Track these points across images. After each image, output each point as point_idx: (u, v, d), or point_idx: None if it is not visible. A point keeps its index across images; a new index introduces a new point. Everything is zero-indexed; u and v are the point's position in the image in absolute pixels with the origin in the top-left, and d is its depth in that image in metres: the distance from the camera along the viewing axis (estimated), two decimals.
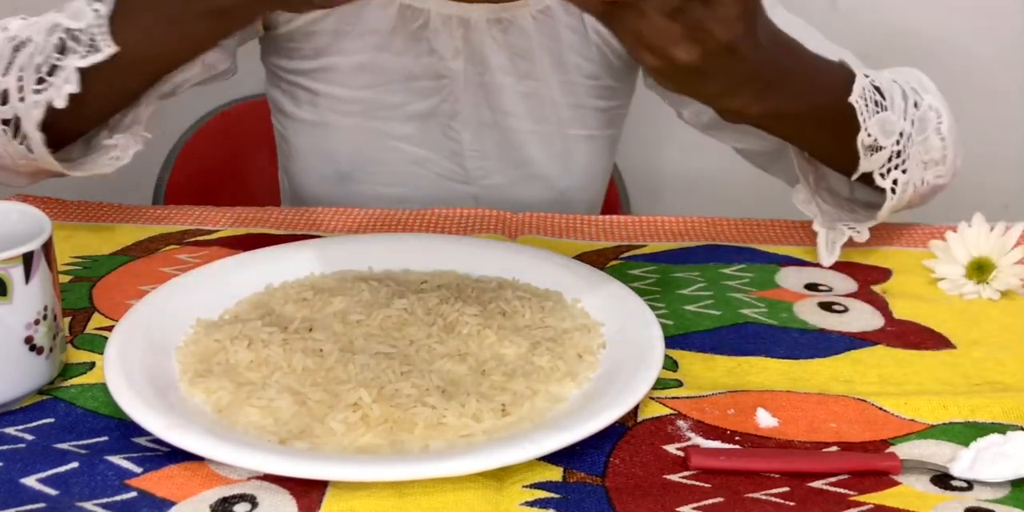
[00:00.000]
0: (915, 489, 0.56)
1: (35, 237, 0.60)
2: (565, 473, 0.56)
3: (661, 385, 0.64)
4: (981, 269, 0.79)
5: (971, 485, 0.56)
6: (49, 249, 0.61)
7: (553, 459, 0.57)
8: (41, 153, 0.80)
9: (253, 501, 0.53)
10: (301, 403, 0.60)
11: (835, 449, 0.59)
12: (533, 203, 1.02)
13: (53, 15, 0.78)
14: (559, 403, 0.61)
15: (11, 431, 0.59)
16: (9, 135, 0.79)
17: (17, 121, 0.78)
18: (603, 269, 0.79)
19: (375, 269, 0.78)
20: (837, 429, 0.61)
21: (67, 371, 0.65)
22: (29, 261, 0.59)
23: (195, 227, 0.89)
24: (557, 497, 0.54)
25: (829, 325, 0.74)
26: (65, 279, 0.77)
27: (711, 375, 0.67)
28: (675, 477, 0.56)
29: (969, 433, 0.61)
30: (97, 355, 0.67)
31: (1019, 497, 0.56)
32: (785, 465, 0.57)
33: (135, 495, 0.54)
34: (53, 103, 0.77)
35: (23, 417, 0.61)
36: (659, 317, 0.69)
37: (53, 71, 0.77)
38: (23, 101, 0.77)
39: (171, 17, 0.76)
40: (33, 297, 0.59)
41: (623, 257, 0.84)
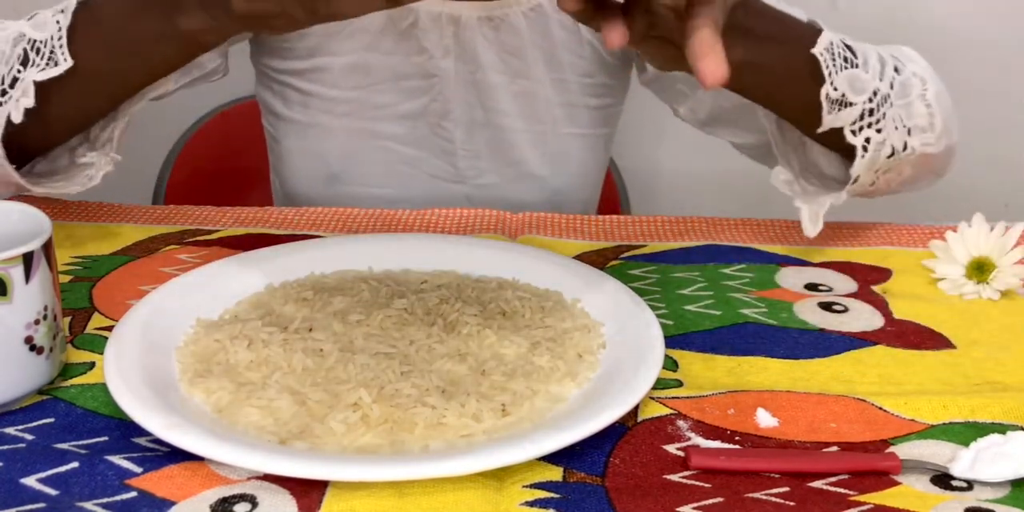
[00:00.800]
0: (915, 489, 0.56)
1: (35, 237, 0.60)
2: (565, 473, 0.56)
3: (661, 385, 0.64)
4: (981, 269, 0.79)
5: (971, 485, 0.56)
6: (49, 249, 0.61)
7: (553, 459, 0.57)
8: (2, 165, 0.78)
9: (253, 501, 0.53)
10: (301, 403, 0.60)
11: (835, 449, 0.59)
12: (527, 203, 1.02)
13: (21, 24, 0.75)
14: (559, 403, 0.61)
15: (11, 431, 0.59)
16: None
17: None
18: (603, 269, 0.79)
19: (375, 269, 0.78)
20: (837, 429, 0.61)
21: (67, 371, 0.65)
22: (29, 261, 0.59)
23: (195, 227, 0.89)
24: (557, 497, 0.54)
25: (829, 325, 0.74)
26: (65, 279, 0.77)
27: (711, 375, 0.67)
28: (675, 477, 0.56)
29: (969, 433, 0.61)
30: (97, 355, 0.67)
31: (1019, 497, 0.55)
32: (785, 465, 0.57)
33: (135, 495, 0.54)
34: (11, 117, 0.74)
35: (23, 417, 0.60)
36: (659, 317, 0.69)
37: (14, 83, 0.74)
38: None
39: (136, 35, 0.74)
40: (33, 297, 0.59)
41: (623, 257, 0.84)
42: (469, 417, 0.59)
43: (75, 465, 0.56)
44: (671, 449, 0.59)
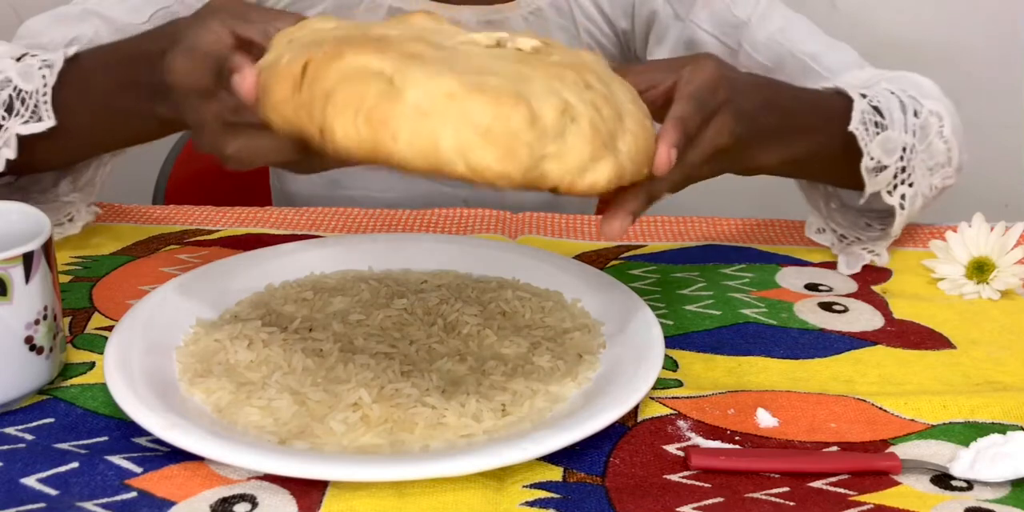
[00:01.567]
0: (915, 489, 0.56)
1: (35, 237, 0.60)
2: (565, 473, 0.56)
3: (661, 385, 0.64)
4: (981, 269, 0.79)
5: (971, 485, 0.56)
6: (49, 249, 0.61)
7: (553, 459, 0.57)
8: None
9: (253, 501, 0.53)
10: (301, 403, 0.60)
11: (835, 449, 0.59)
12: (524, 205, 1.01)
13: (8, 63, 0.74)
14: (559, 403, 0.61)
15: (11, 431, 0.59)
16: None
17: None
18: (603, 269, 0.79)
19: (375, 269, 0.78)
20: (837, 429, 0.61)
21: (67, 371, 0.65)
22: (29, 261, 0.59)
23: (195, 227, 0.89)
24: (557, 497, 0.54)
25: (829, 325, 0.74)
26: (65, 279, 0.77)
27: (711, 375, 0.67)
28: (675, 477, 0.56)
29: (969, 433, 0.61)
30: (97, 355, 0.67)
31: (1019, 497, 0.55)
32: (785, 465, 0.57)
33: (135, 495, 0.54)
34: None
35: (23, 417, 0.60)
36: (659, 317, 0.69)
37: None
38: None
39: (117, 109, 0.72)
40: (33, 297, 0.59)
41: (623, 257, 0.84)
42: (469, 417, 0.59)
43: (75, 465, 0.56)
44: (671, 449, 0.59)
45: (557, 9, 0.94)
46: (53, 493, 0.54)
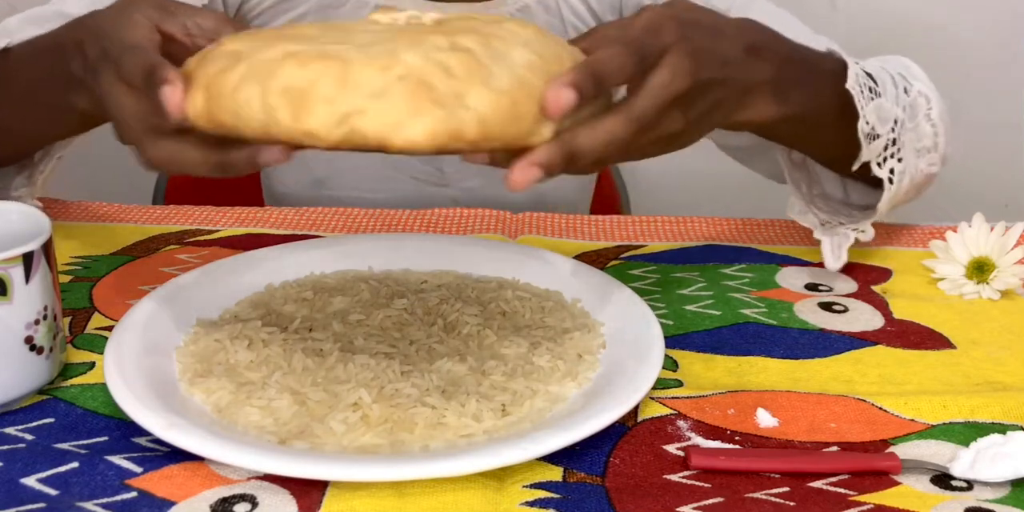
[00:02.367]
0: (915, 489, 0.56)
1: (35, 237, 0.60)
2: (565, 473, 0.56)
3: (661, 385, 0.64)
4: (981, 269, 0.79)
5: (971, 485, 0.56)
6: (49, 249, 0.61)
7: (553, 459, 0.57)
8: None
9: (253, 501, 0.53)
10: (301, 403, 0.60)
11: (835, 449, 0.59)
12: (513, 205, 1.01)
13: None
14: (559, 403, 0.61)
15: (11, 431, 0.59)
16: None
17: None
18: (603, 269, 0.79)
19: (375, 269, 0.78)
20: (837, 429, 0.61)
21: (67, 371, 0.65)
22: (29, 261, 0.59)
23: (195, 227, 0.89)
24: (557, 497, 0.54)
25: (829, 325, 0.74)
26: (65, 279, 0.77)
27: (711, 375, 0.67)
28: (675, 477, 0.56)
29: (969, 433, 0.61)
30: (97, 355, 0.67)
31: (1019, 497, 0.55)
32: (785, 465, 0.57)
33: (135, 495, 0.54)
34: None
35: (23, 417, 0.60)
36: (659, 317, 0.69)
37: None
38: None
39: (40, 102, 0.71)
40: (33, 297, 0.59)
41: (623, 257, 0.84)
42: (469, 417, 0.59)
43: (75, 465, 0.56)
44: (671, 449, 0.59)
45: (544, 6, 0.93)
46: (53, 493, 0.54)
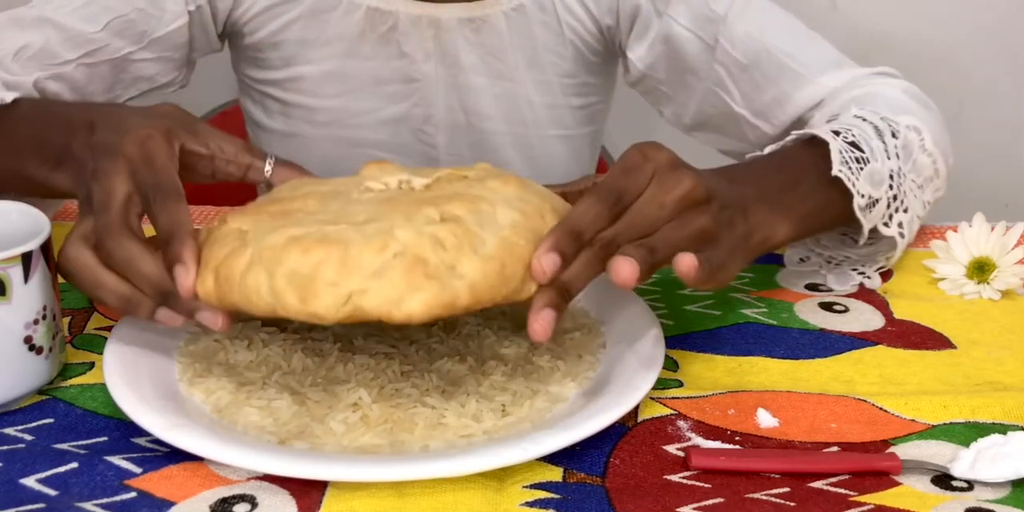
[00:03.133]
0: (915, 489, 0.56)
1: (34, 237, 0.60)
2: (565, 473, 0.56)
3: (661, 385, 0.64)
4: (982, 269, 0.79)
5: (971, 485, 0.56)
6: (48, 249, 0.61)
7: (553, 459, 0.57)
8: None
9: (253, 501, 0.53)
10: (301, 403, 0.60)
11: (835, 449, 0.59)
12: None
13: None
14: (559, 403, 0.61)
15: (11, 431, 0.59)
16: None
17: None
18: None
19: None
20: (838, 429, 0.61)
21: (67, 371, 0.65)
22: (28, 261, 0.59)
23: (195, 227, 0.88)
24: (557, 497, 0.54)
25: (830, 325, 0.74)
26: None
27: (711, 375, 0.67)
28: (675, 477, 0.56)
29: (970, 433, 0.60)
30: (97, 355, 0.67)
31: (1019, 497, 0.55)
32: (785, 465, 0.57)
33: (135, 495, 0.54)
34: None
35: (23, 417, 0.60)
36: (659, 317, 0.69)
37: None
38: None
39: (19, 162, 0.72)
40: (32, 297, 0.59)
41: None
42: (469, 417, 0.59)
43: (75, 465, 0.56)
44: (671, 449, 0.59)
45: (540, 6, 0.93)
46: (53, 493, 0.54)
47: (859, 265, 0.81)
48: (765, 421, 0.62)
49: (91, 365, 0.66)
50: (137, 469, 0.56)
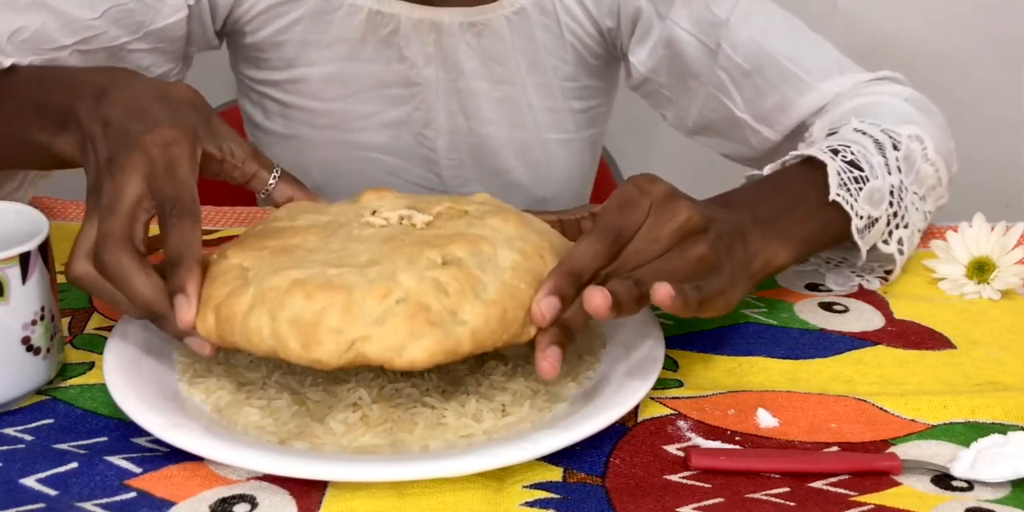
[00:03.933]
0: (915, 489, 0.56)
1: (32, 237, 0.60)
2: (565, 473, 0.56)
3: (661, 385, 0.64)
4: (982, 269, 0.79)
5: (972, 485, 0.56)
6: (47, 250, 0.61)
7: (553, 459, 0.57)
8: None
9: (253, 501, 0.53)
10: (301, 403, 0.60)
11: (835, 449, 0.59)
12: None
13: None
14: (559, 403, 0.61)
15: (11, 432, 0.59)
16: None
17: None
18: None
19: None
20: (838, 429, 0.61)
21: (66, 371, 0.65)
22: (26, 261, 0.59)
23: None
24: (557, 497, 0.54)
25: (830, 325, 0.74)
26: (64, 279, 0.77)
27: (711, 375, 0.67)
28: (675, 477, 0.56)
29: (970, 433, 0.60)
30: (97, 355, 0.67)
31: (1019, 497, 0.55)
32: (785, 465, 0.57)
33: (134, 495, 0.54)
34: None
35: (23, 417, 0.60)
36: (659, 317, 0.69)
37: None
38: None
39: (20, 127, 0.71)
40: (30, 298, 0.59)
41: None
42: (469, 417, 0.58)
43: (74, 465, 0.56)
44: (671, 449, 0.59)
45: (541, 9, 0.93)
46: (52, 493, 0.54)
47: (858, 269, 0.81)
48: (765, 421, 0.62)
49: (91, 365, 0.66)
50: (137, 469, 0.56)
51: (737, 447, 0.59)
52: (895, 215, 0.77)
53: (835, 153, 0.74)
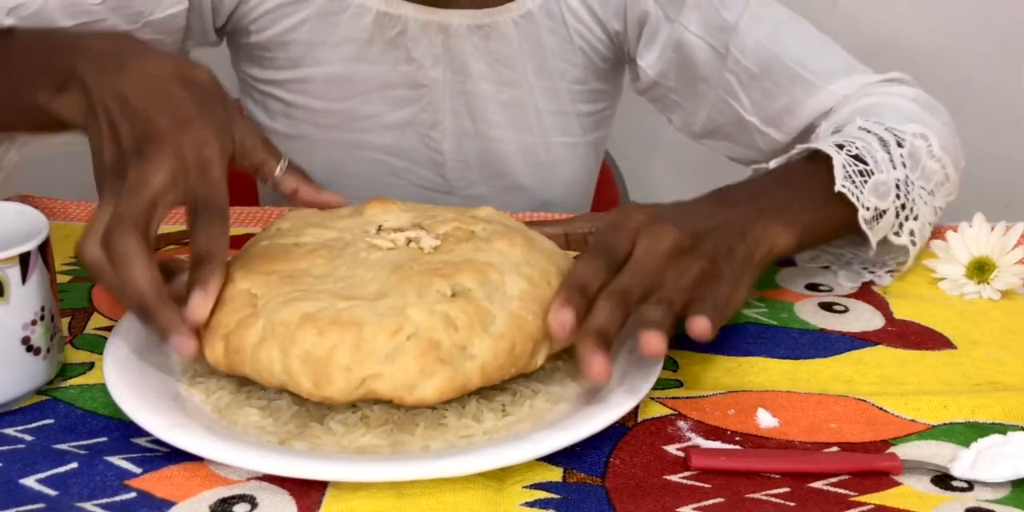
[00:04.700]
0: (916, 489, 0.56)
1: (32, 237, 0.60)
2: (565, 473, 0.56)
3: (661, 385, 0.64)
4: (982, 269, 0.79)
5: (972, 485, 0.56)
6: (46, 250, 0.61)
7: (553, 459, 0.57)
8: None
9: (253, 501, 0.53)
10: (301, 403, 0.60)
11: (836, 449, 0.59)
12: (519, 212, 1.01)
13: None
14: (559, 403, 0.61)
15: (11, 432, 0.59)
16: None
17: None
18: None
19: None
20: (838, 429, 0.61)
21: (66, 371, 0.65)
22: (26, 261, 0.59)
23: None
24: (557, 497, 0.54)
25: (830, 325, 0.74)
26: (65, 279, 0.77)
27: (711, 375, 0.67)
28: (675, 477, 0.56)
29: (970, 433, 0.60)
30: (97, 355, 0.67)
31: (1019, 497, 0.55)
32: (785, 465, 0.57)
33: (134, 496, 0.54)
34: None
35: (23, 418, 0.60)
36: None
37: None
38: None
39: (19, 88, 0.69)
40: (30, 298, 0.59)
41: None
42: (469, 417, 0.58)
43: (74, 466, 0.56)
44: (671, 449, 0.59)
45: (548, 12, 0.93)
46: (52, 493, 0.54)
47: (869, 264, 0.81)
48: (765, 421, 0.62)
49: (91, 365, 0.66)
50: (137, 469, 0.56)
51: (737, 447, 0.59)
52: (903, 207, 0.77)
53: (840, 148, 0.75)
